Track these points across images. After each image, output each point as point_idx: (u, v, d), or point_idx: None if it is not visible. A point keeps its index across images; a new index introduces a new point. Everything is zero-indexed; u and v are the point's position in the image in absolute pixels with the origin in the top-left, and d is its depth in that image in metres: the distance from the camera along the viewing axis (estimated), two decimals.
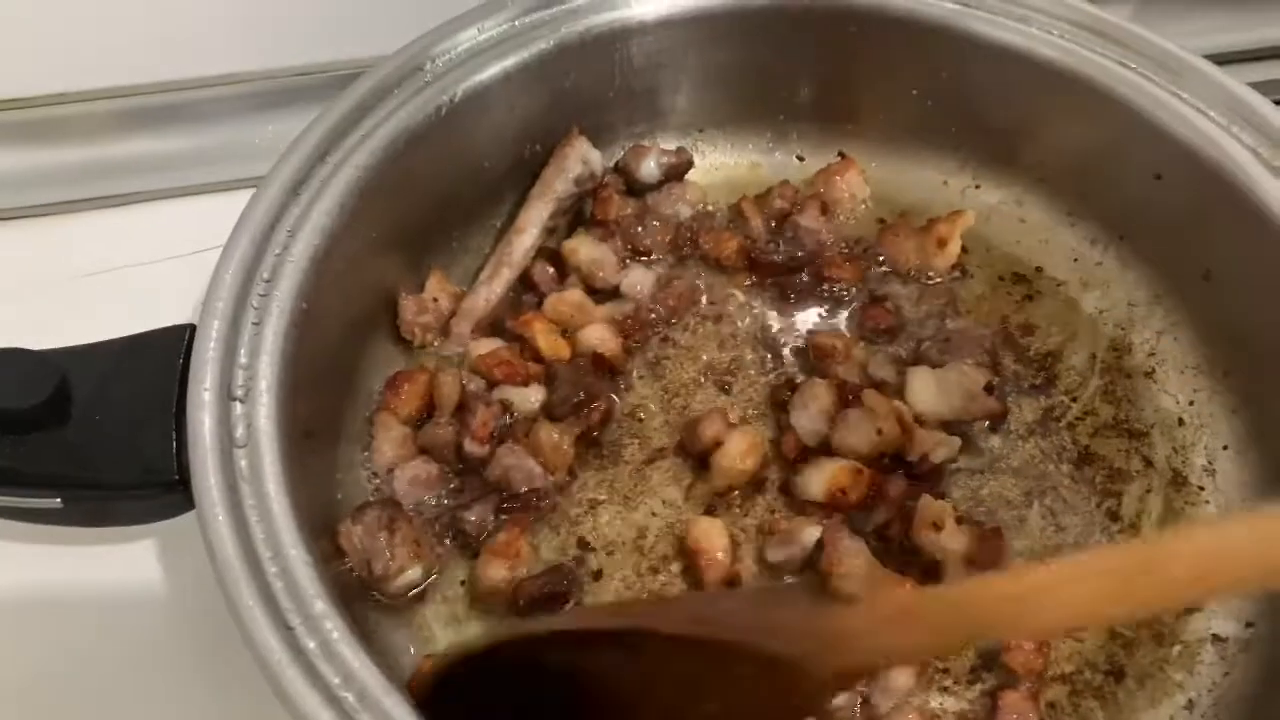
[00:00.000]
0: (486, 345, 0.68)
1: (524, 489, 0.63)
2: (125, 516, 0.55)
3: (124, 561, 0.64)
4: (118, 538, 0.64)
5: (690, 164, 0.77)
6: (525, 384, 0.66)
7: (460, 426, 0.64)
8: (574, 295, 0.70)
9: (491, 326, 0.70)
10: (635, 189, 0.76)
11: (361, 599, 0.58)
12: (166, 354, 0.54)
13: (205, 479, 0.49)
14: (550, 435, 0.64)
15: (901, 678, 0.56)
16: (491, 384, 0.66)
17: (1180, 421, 0.68)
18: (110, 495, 0.53)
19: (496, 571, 0.59)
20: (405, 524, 0.59)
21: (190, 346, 0.54)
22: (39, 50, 0.78)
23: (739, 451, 0.64)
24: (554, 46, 0.69)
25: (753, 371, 0.70)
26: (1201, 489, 0.66)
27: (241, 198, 0.60)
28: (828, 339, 0.69)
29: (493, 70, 0.68)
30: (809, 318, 0.73)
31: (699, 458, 0.65)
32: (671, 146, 0.78)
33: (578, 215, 0.76)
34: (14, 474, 0.51)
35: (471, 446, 0.63)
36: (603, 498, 0.65)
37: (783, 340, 0.71)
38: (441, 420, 0.65)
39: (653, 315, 0.71)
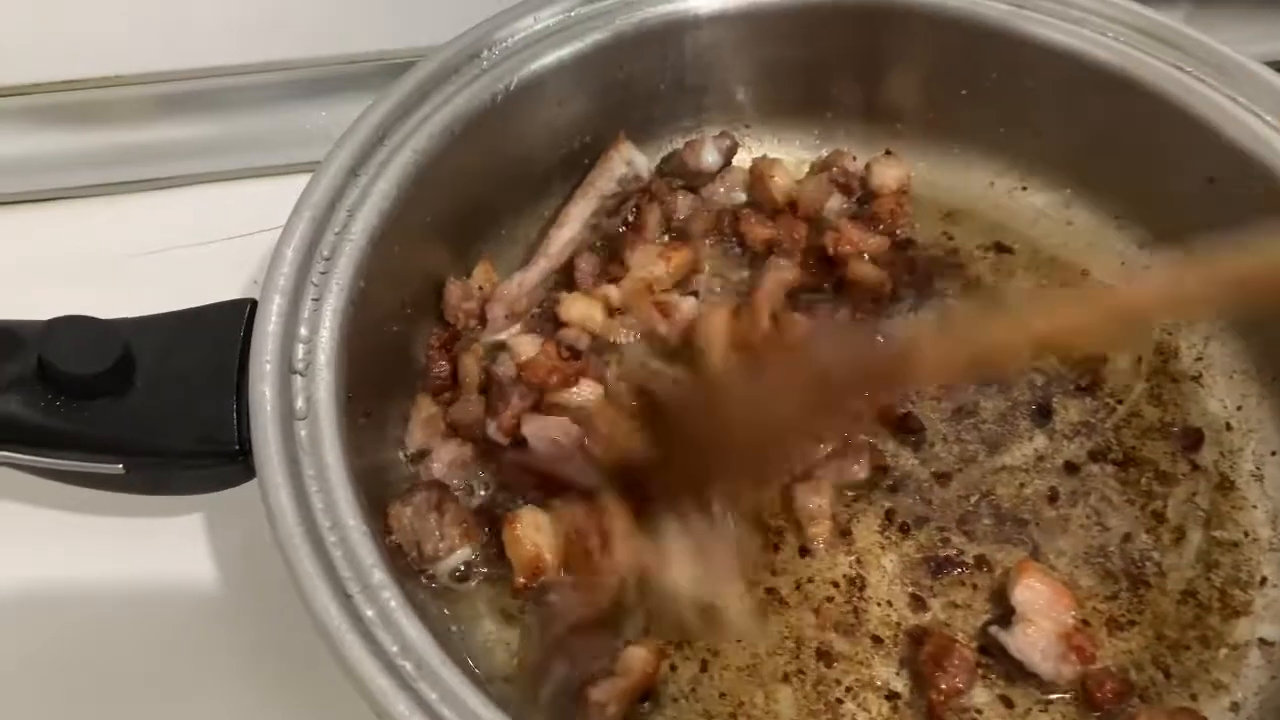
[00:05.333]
0: (527, 342, 0.68)
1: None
2: (185, 485, 0.56)
3: (170, 537, 0.65)
4: (163, 510, 0.64)
5: (737, 146, 0.78)
6: (575, 383, 0.67)
7: (486, 408, 0.64)
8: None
9: (532, 318, 0.71)
10: (694, 183, 0.77)
11: (411, 578, 0.59)
12: (228, 327, 0.55)
13: (267, 449, 0.50)
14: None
15: None
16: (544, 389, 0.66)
17: (1228, 426, 0.68)
18: (171, 462, 0.53)
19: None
20: (454, 505, 0.60)
21: (251, 320, 0.55)
22: (92, 33, 0.79)
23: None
24: (609, 37, 0.70)
25: None
26: (1249, 494, 0.66)
27: (293, 183, 0.61)
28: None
29: (548, 59, 0.69)
30: None
31: None
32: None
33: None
34: (78, 438, 0.52)
35: (495, 434, 0.63)
36: None
37: None
38: (470, 399, 0.65)
39: None
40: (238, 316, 0.55)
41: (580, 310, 0.70)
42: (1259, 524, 0.65)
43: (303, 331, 0.55)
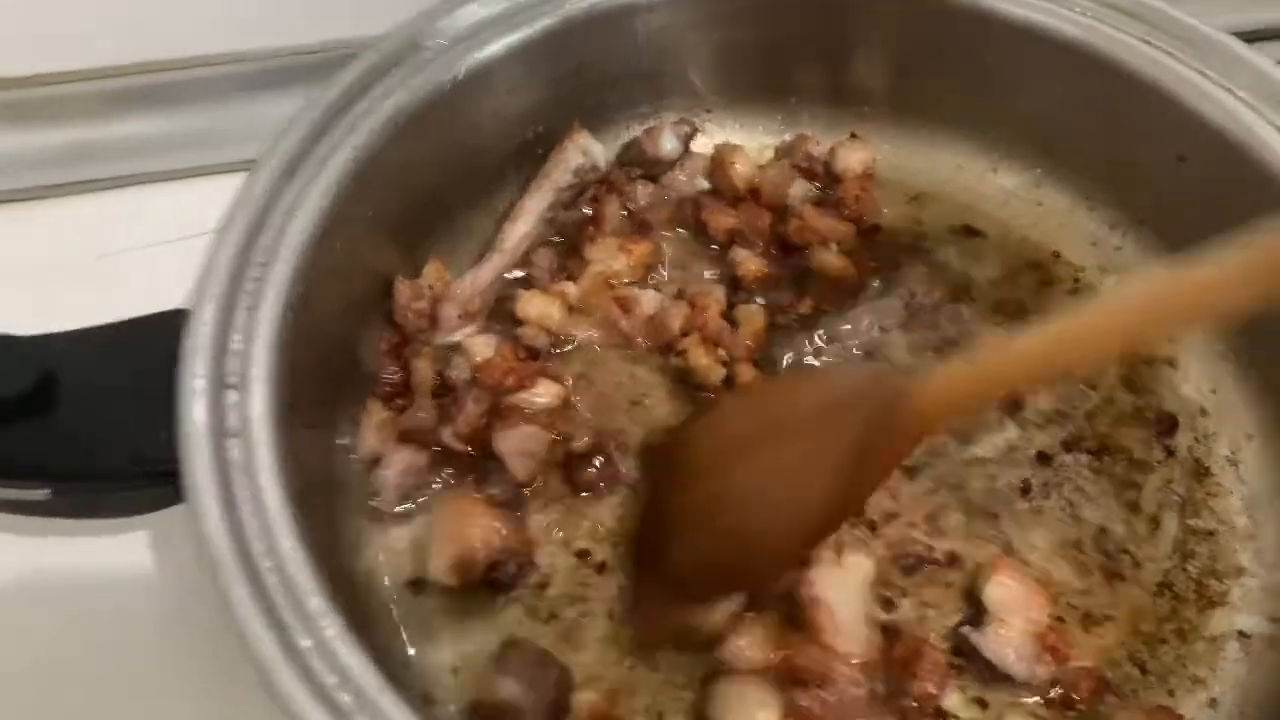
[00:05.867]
0: (482, 343, 0.66)
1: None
2: (115, 508, 0.53)
3: (115, 552, 0.62)
4: (108, 528, 0.62)
5: (697, 131, 0.76)
6: (533, 384, 0.64)
7: (440, 413, 0.62)
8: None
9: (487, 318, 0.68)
10: (653, 171, 0.74)
11: (358, 593, 0.57)
12: (158, 340, 0.52)
13: (196, 470, 0.47)
14: None
15: None
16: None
17: (1203, 411, 0.67)
18: (100, 486, 0.51)
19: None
20: None
21: (182, 333, 0.52)
22: (25, 30, 0.75)
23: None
24: (559, 22, 0.67)
25: None
26: (1224, 480, 0.64)
27: (236, 181, 0.58)
28: None
29: (495, 47, 0.66)
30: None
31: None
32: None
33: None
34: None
35: (451, 441, 0.61)
36: None
37: None
38: (423, 405, 0.63)
39: None
40: (170, 328, 0.52)
41: (538, 308, 0.68)
42: (1235, 511, 0.63)
43: (236, 343, 0.52)
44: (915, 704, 0.55)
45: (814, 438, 0.49)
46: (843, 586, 0.57)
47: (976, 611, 0.58)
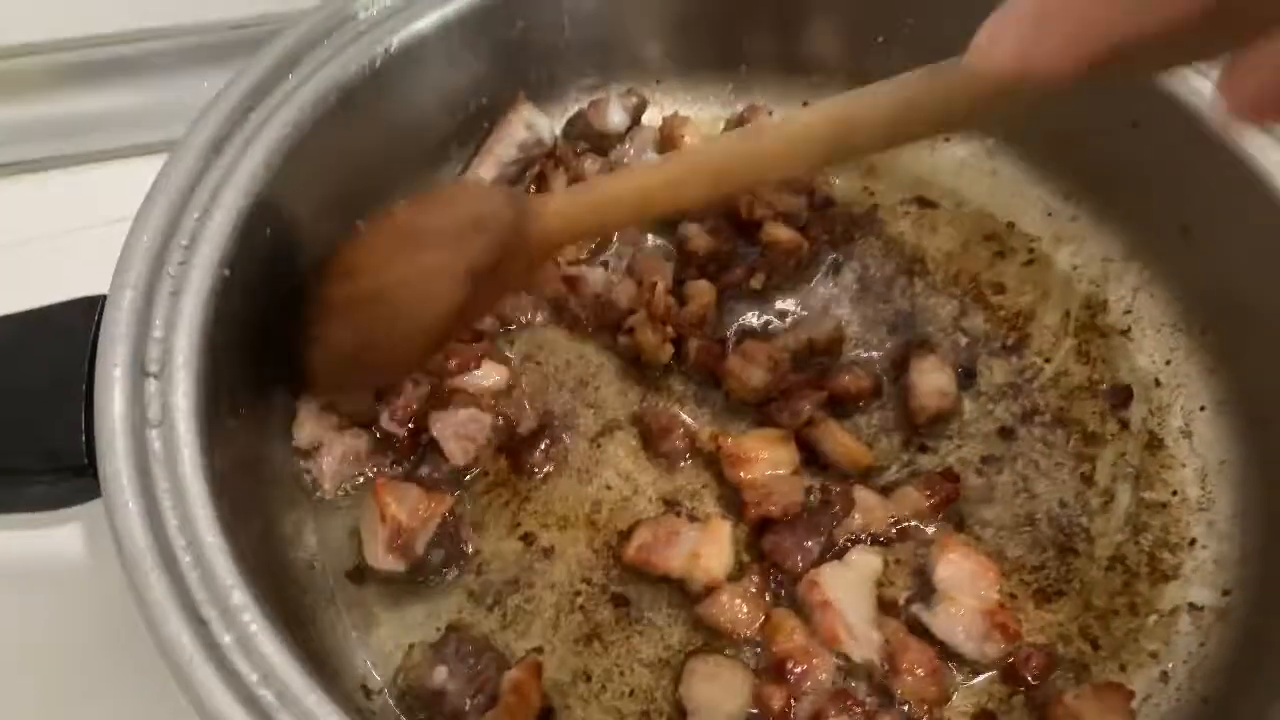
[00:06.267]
0: None
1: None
2: (32, 502, 0.51)
3: (47, 545, 0.61)
4: (40, 522, 0.60)
5: (646, 104, 0.74)
6: (477, 366, 0.63)
7: (378, 397, 0.61)
8: None
9: None
10: (601, 145, 0.72)
11: (295, 585, 0.55)
12: (74, 328, 0.50)
13: (113, 462, 0.46)
14: None
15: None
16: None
17: (1157, 382, 0.66)
18: (13, 481, 0.49)
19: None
20: None
21: (100, 319, 0.50)
22: None
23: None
24: None
25: None
26: (1177, 452, 0.64)
27: (160, 163, 0.55)
28: None
29: (430, 19, 0.64)
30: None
31: None
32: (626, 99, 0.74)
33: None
34: None
35: (390, 425, 0.60)
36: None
37: None
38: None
39: None
40: (87, 315, 0.50)
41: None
42: (1188, 483, 0.63)
43: (157, 330, 0.50)
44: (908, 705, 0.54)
45: (446, 250, 0.52)
46: (850, 587, 0.56)
47: (926, 589, 0.57)
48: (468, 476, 0.60)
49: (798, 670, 0.53)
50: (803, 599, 0.55)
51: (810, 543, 0.57)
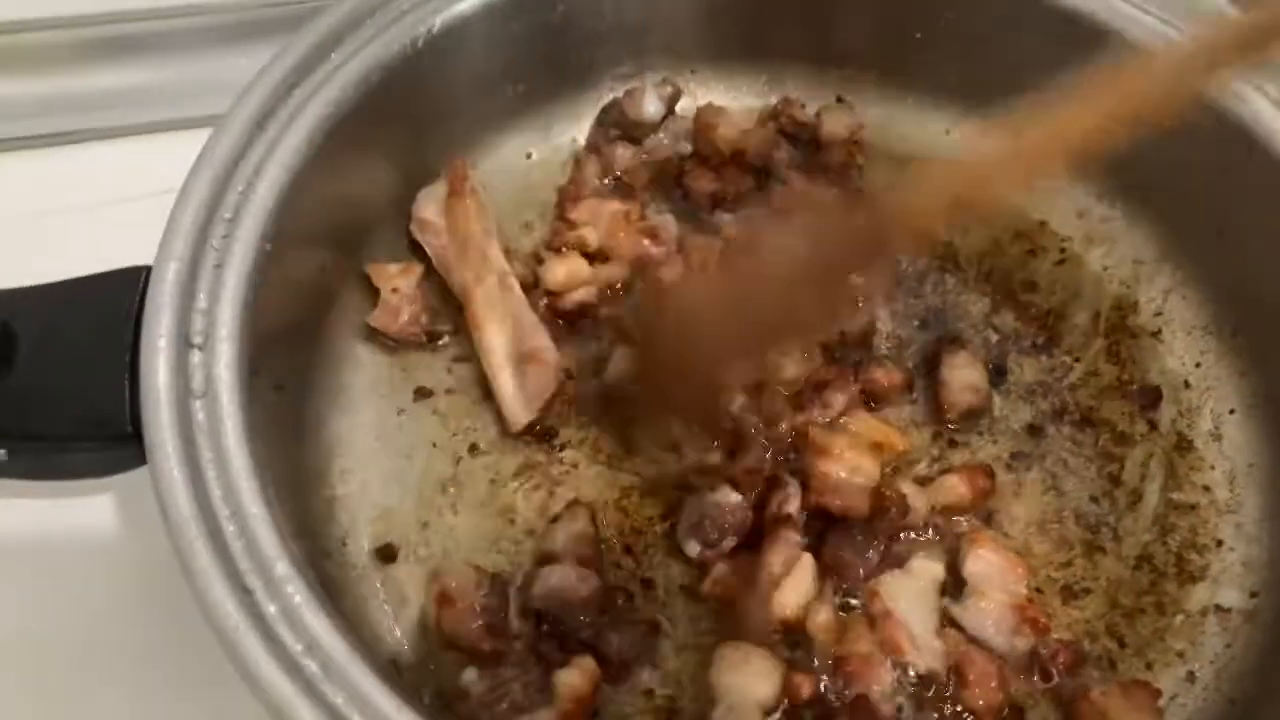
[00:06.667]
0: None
1: None
2: (75, 470, 0.52)
3: (80, 516, 0.61)
4: (73, 491, 0.60)
5: (680, 93, 0.74)
6: None
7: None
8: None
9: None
10: (634, 134, 0.72)
11: (329, 559, 0.55)
12: (120, 298, 0.50)
13: (159, 431, 0.46)
14: None
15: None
16: None
17: (1186, 384, 0.66)
18: (58, 447, 0.49)
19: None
20: None
21: (145, 290, 0.50)
22: None
23: None
24: None
25: None
26: (1206, 454, 0.64)
27: (204, 137, 0.56)
28: None
29: (471, 2, 0.64)
30: None
31: None
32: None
33: None
34: None
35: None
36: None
37: None
38: None
39: None
40: (131, 286, 0.51)
41: (563, 270, 0.66)
42: (1217, 485, 0.63)
43: (201, 301, 0.50)
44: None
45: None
46: (913, 596, 0.56)
47: (957, 584, 0.57)
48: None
49: (852, 671, 0.53)
50: (865, 608, 0.55)
51: (870, 552, 0.56)
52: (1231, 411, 0.65)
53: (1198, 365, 0.66)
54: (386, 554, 0.58)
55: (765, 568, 0.54)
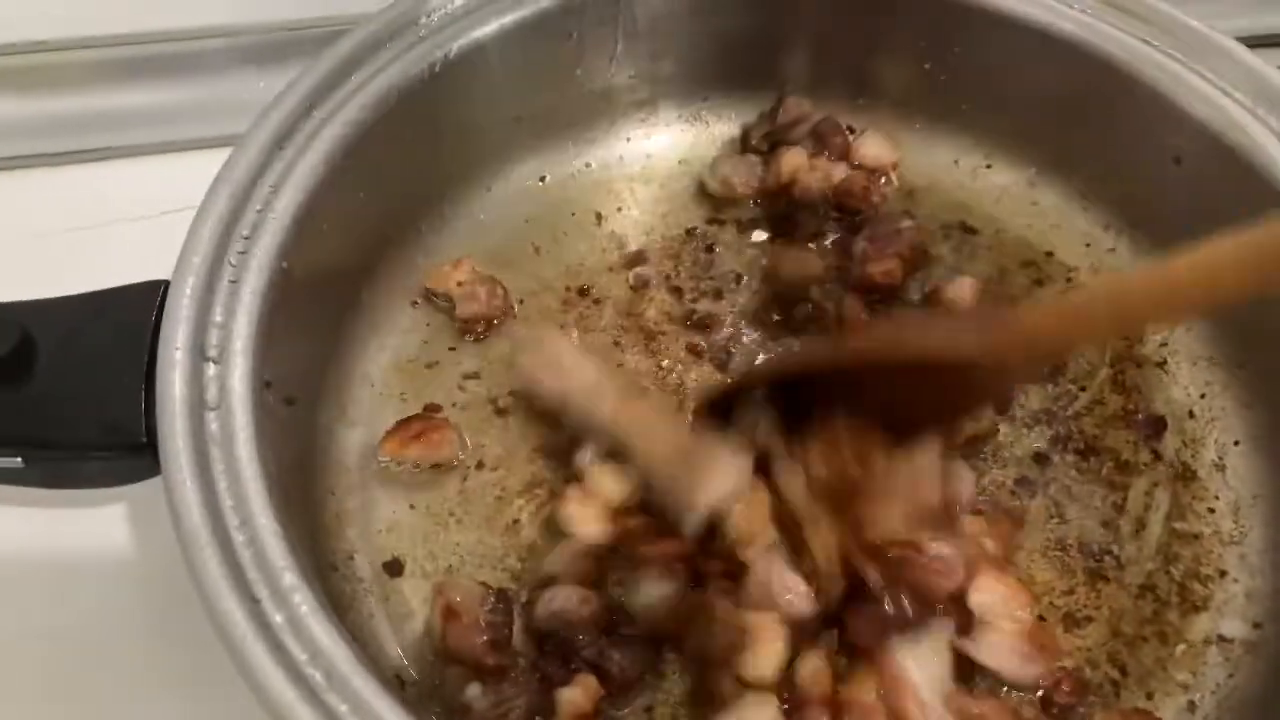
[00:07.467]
0: None
1: None
2: (90, 479, 0.53)
3: (92, 526, 0.62)
4: (85, 501, 0.61)
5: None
6: None
7: None
8: None
9: None
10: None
11: (336, 573, 0.56)
12: (138, 311, 0.52)
13: (173, 441, 0.47)
14: None
15: None
16: None
17: (1191, 414, 0.66)
18: (74, 456, 0.50)
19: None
20: None
21: (163, 304, 0.51)
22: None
23: None
24: (555, 4, 0.66)
25: None
26: (1210, 485, 0.64)
27: (224, 156, 0.57)
28: None
29: (490, 27, 0.65)
30: None
31: None
32: (674, 115, 0.76)
33: None
34: None
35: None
36: None
37: None
38: None
39: None
40: (149, 300, 0.52)
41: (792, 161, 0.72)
42: (1221, 516, 0.63)
43: (217, 316, 0.51)
44: None
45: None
46: (925, 658, 0.54)
47: (962, 616, 0.57)
48: None
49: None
50: (875, 669, 0.54)
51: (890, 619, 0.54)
52: (1236, 443, 0.65)
53: (1203, 396, 0.67)
54: (393, 568, 0.59)
55: None
